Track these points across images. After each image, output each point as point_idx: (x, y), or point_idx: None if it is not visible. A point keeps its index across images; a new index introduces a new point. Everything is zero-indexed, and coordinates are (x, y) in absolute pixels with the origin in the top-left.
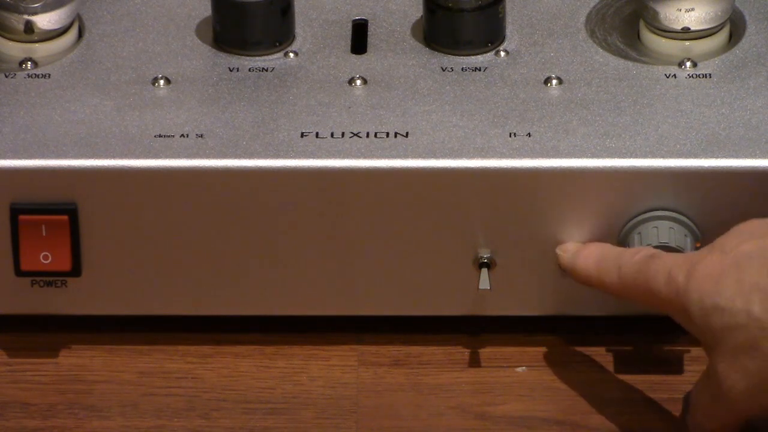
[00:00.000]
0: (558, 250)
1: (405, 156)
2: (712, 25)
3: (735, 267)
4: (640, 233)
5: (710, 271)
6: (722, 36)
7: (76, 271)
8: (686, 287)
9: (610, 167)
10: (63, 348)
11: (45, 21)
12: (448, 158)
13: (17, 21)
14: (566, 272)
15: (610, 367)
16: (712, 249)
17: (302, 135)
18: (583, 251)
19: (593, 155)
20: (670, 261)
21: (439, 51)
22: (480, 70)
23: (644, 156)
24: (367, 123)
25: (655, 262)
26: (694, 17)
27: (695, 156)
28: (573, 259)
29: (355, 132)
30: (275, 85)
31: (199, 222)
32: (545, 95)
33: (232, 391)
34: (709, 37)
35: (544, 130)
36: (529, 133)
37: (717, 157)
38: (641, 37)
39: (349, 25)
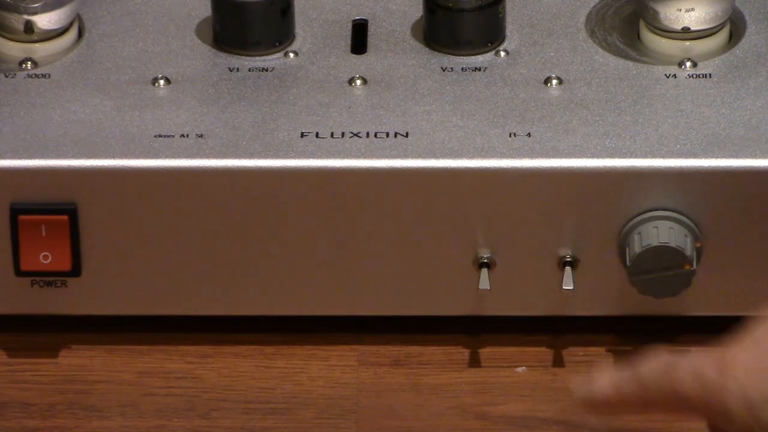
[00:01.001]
0: (571, 387)
1: (405, 156)
2: (712, 25)
3: (763, 352)
4: (640, 233)
5: (749, 364)
6: (722, 36)
7: (76, 271)
8: (723, 384)
9: (610, 167)
10: (63, 348)
11: (45, 21)
12: (448, 158)
13: (17, 21)
14: (586, 408)
15: (610, 368)
16: (743, 343)
17: (302, 135)
18: (595, 381)
19: (593, 155)
20: (696, 361)
21: (439, 51)
22: (480, 70)
23: (644, 156)
24: (367, 123)
25: (680, 364)
26: (694, 17)
27: (695, 156)
28: (588, 392)
29: (355, 132)
30: (275, 85)
31: (199, 222)
32: (545, 95)
33: (232, 391)
34: (709, 37)
35: (544, 130)
36: (529, 133)
37: (717, 157)
38: (641, 37)
39: (349, 25)
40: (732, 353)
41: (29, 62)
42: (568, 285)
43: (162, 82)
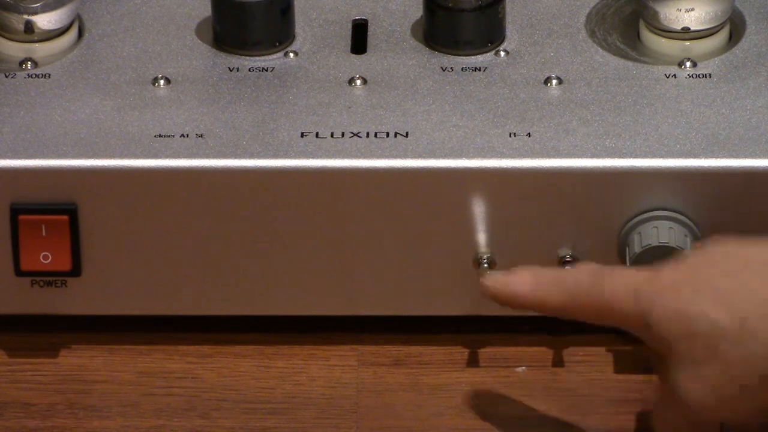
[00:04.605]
0: (483, 280)
1: (405, 156)
2: (712, 25)
3: (693, 273)
4: (640, 233)
5: (671, 280)
6: (722, 36)
7: (76, 271)
8: (648, 297)
9: (610, 167)
10: (63, 348)
11: (45, 21)
12: (448, 158)
13: (17, 21)
14: (495, 298)
15: (610, 367)
16: (677, 263)
17: (302, 135)
18: (514, 275)
19: (593, 155)
20: (631, 277)
21: (439, 51)
22: (480, 70)
23: (644, 156)
24: (367, 123)
25: (610, 277)
26: (694, 17)
27: (695, 156)
28: (504, 283)
29: (355, 132)
30: (275, 85)
31: (199, 222)
32: (545, 95)
33: (232, 391)
34: (709, 37)
35: (544, 130)
36: (529, 133)
37: (717, 157)
38: (641, 37)
39: (349, 25)
40: (662, 271)
41: (29, 62)
42: None
43: (162, 82)
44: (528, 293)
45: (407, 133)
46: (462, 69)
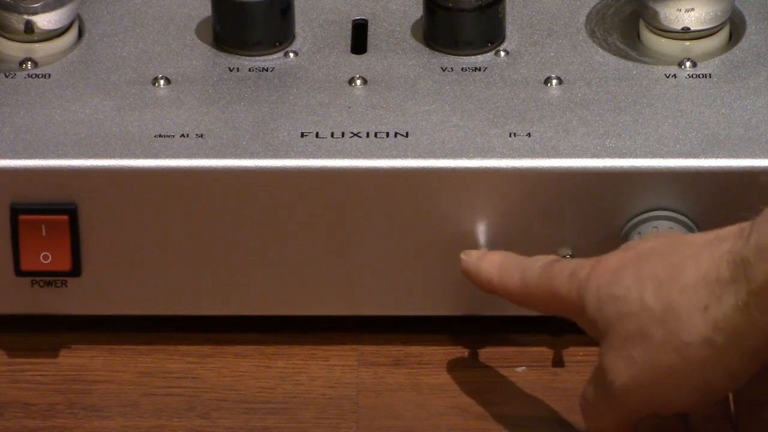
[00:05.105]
0: (462, 255)
1: (405, 156)
2: (712, 25)
3: (636, 260)
4: (640, 233)
5: (611, 265)
6: (722, 36)
7: (76, 271)
8: (587, 280)
9: (610, 167)
10: (63, 348)
11: (45, 21)
12: (448, 158)
13: (17, 21)
14: (468, 277)
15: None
16: (617, 249)
17: (302, 135)
18: (486, 257)
19: (593, 155)
20: (575, 261)
21: (439, 51)
22: (480, 70)
23: (644, 156)
24: (367, 123)
25: (559, 263)
26: (694, 17)
27: (695, 156)
28: (476, 264)
29: (355, 132)
30: (275, 85)
31: (199, 222)
32: (545, 95)
33: (232, 391)
34: (709, 37)
35: (544, 130)
36: (529, 133)
37: (717, 157)
38: (641, 37)
39: (349, 25)
40: (605, 257)
41: (29, 62)
42: None
43: (162, 82)
44: (495, 277)
45: (407, 133)
46: (462, 69)
